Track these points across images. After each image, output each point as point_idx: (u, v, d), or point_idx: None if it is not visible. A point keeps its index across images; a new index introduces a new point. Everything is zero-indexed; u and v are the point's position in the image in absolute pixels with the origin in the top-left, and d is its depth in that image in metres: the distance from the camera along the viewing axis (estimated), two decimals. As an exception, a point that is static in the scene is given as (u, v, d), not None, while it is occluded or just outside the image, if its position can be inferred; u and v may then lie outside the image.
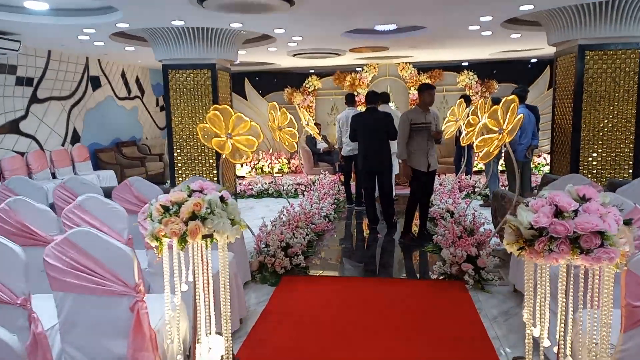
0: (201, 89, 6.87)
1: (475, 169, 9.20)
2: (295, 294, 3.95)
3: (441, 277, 4.14)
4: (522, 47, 9.25)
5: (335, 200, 7.28)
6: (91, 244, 2.21)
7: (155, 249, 2.13)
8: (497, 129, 4.06)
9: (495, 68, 11.20)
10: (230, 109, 4.50)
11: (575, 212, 1.78)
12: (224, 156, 4.47)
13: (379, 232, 5.78)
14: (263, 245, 4.53)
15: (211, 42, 6.59)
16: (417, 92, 5.35)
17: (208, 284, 2.27)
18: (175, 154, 6.97)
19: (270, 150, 11.21)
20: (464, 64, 11.33)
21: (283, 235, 4.53)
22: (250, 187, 8.42)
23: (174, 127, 6.90)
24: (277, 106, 5.78)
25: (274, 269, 4.24)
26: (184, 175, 6.98)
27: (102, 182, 8.33)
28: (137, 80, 10.90)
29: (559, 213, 1.80)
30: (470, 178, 8.06)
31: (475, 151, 4.39)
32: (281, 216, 5.39)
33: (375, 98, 5.82)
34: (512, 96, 4.04)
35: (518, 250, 1.86)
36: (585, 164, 5.87)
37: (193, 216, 2.05)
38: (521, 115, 3.91)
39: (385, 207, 5.75)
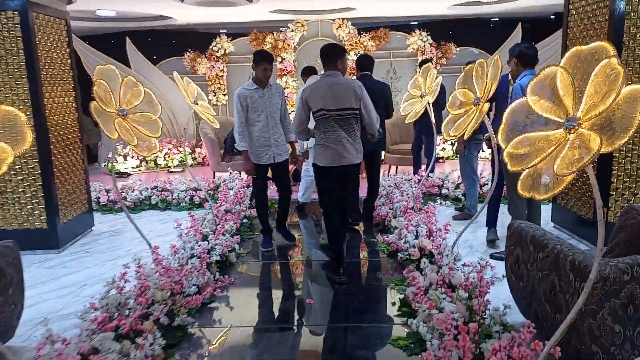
0: (5, 43, 4.03)
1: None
2: None
3: None
4: (490, -2, 7.13)
5: (245, 221, 4.81)
6: None
7: None
8: (561, 120, 1.78)
9: (451, 28, 9.06)
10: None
11: None
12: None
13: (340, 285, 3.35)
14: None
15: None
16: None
17: None
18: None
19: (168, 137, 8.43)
20: (412, 23, 9.09)
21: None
22: (124, 194, 5.72)
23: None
24: (116, 74, 3.13)
25: None
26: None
27: None
28: None
29: None
30: (433, 174, 5.88)
31: (510, 169, 2.02)
32: (121, 282, 2.84)
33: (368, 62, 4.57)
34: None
35: None
36: (621, 162, 3.83)
37: None
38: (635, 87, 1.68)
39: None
